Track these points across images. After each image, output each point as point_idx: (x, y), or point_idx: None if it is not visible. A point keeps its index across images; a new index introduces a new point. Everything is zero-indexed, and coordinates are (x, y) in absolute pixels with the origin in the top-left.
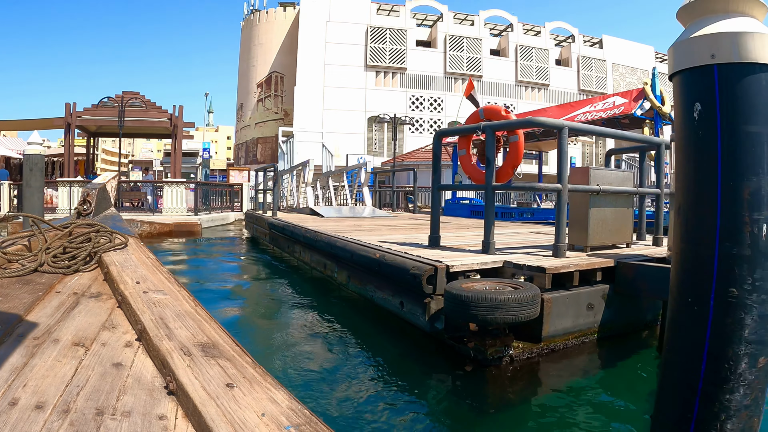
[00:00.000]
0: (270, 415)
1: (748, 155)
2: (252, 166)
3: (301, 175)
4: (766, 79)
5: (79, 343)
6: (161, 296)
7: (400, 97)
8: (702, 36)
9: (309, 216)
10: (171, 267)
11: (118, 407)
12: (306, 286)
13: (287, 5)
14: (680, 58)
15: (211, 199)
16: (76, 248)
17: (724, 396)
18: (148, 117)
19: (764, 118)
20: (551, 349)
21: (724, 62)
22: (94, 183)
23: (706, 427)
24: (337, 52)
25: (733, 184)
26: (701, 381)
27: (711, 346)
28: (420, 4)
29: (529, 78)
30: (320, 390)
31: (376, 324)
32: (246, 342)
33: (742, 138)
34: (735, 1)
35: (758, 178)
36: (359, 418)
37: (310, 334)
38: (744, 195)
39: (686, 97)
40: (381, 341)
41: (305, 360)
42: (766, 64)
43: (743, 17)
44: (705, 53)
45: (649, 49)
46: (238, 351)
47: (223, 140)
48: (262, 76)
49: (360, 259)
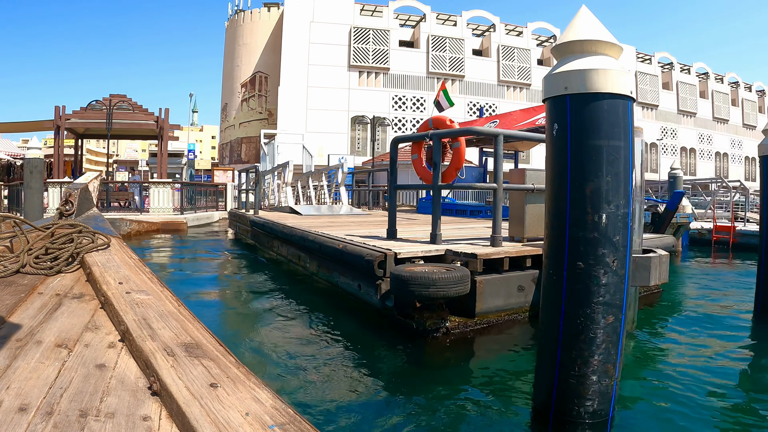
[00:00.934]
0: (254, 415)
1: (590, 163)
2: (236, 166)
3: (281, 175)
4: (605, 105)
5: (62, 345)
6: (144, 297)
7: (383, 97)
8: (559, 72)
9: (289, 214)
10: (159, 261)
11: (102, 408)
12: (282, 277)
13: (271, 5)
14: (546, 88)
15: (196, 199)
16: (59, 249)
17: (578, 345)
18: (135, 120)
19: (603, 134)
20: (485, 324)
21: (574, 93)
22: (76, 183)
23: (567, 370)
24: (321, 53)
25: (579, 185)
26: (560, 334)
27: (566, 307)
28: (403, 4)
29: (511, 78)
30: (293, 360)
31: (340, 306)
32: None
33: (585, 150)
34: (588, 44)
35: (598, 180)
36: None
37: (284, 317)
38: (587, 192)
39: (550, 118)
40: (345, 320)
41: (280, 337)
42: (605, 93)
43: (594, 56)
44: (561, 86)
45: (630, 49)
46: (222, 351)
47: (207, 140)
48: (246, 76)
49: (327, 250)
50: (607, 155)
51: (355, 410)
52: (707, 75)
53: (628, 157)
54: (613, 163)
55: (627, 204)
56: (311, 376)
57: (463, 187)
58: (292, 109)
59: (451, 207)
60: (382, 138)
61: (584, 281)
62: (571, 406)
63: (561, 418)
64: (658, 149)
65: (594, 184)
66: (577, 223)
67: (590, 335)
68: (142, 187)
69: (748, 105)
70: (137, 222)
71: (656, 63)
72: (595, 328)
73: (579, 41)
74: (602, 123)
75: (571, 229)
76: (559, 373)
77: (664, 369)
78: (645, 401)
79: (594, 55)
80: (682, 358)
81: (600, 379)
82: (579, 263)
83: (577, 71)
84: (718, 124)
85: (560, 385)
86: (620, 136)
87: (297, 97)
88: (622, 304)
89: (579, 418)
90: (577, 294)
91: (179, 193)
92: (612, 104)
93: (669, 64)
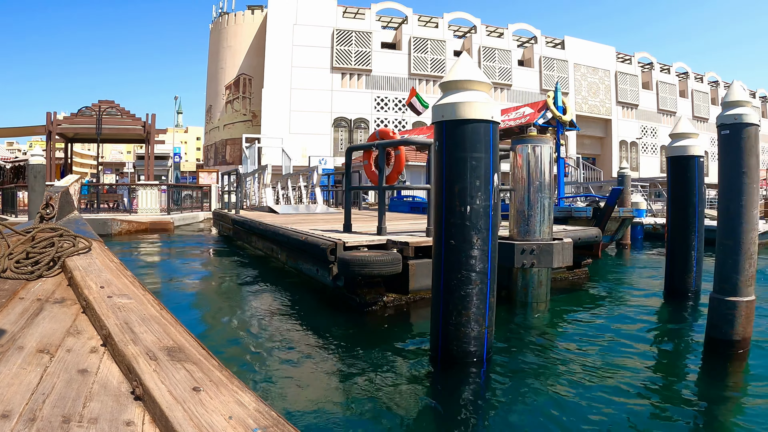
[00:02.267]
0: (237, 418)
1: (458, 169)
2: (221, 168)
3: (261, 177)
4: (470, 127)
5: (44, 350)
6: (126, 300)
7: (366, 98)
8: (440, 104)
9: (267, 213)
10: (147, 257)
11: (85, 414)
12: (258, 267)
13: (255, 8)
14: (432, 116)
15: (182, 200)
16: (39, 253)
17: (454, 302)
18: (124, 125)
19: (468, 148)
20: (417, 299)
21: (448, 119)
22: (57, 186)
23: (448, 321)
24: (304, 55)
25: (451, 185)
26: (442, 293)
27: (445, 274)
28: (385, 6)
29: (492, 78)
30: (264, 332)
31: (303, 287)
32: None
33: (455, 160)
34: (462, 83)
35: (464, 182)
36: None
37: (257, 298)
38: (456, 191)
39: (434, 137)
40: (307, 298)
41: (253, 313)
42: (470, 119)
43: (466, 92)
44: (440, 114)
45: (610, 50)
46: (204, 354)
47: (192, 141)
48: (230, 78)
49: (293, 242)
50: (470, 164)
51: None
52: (687, 75)
53: (489, 165)
54: (476, 169)
55: (488, 199)
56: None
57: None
58: (275, 110)
59: (419, 205)
60: (364, 138)
61: (456, 254)
62: (453, 348)
63: (447, 358)
64: (638, 148)
65: (461, 184)
66: (451, 213)
67: (462, 294)
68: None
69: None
70: (127, 222)
71: (636, 63)
72: (465, 289)
73: (455, 81)
74: (467, 140)
75: (446, 217)
76: (442, 323)
77: (556, 334)
78: (525, 353)
79: (466, 91)
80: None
81: (473, 327)
82: (452, 241)
83: (451, 104)
84: (699, 123)
85: (444, 332)
86: (482, 149)
87: (280, 98)
88: (487, 272)
89: (460, 358)
90: (452, 264)
91: (166, 194)
92: (475, 127)
93: (649, 64)
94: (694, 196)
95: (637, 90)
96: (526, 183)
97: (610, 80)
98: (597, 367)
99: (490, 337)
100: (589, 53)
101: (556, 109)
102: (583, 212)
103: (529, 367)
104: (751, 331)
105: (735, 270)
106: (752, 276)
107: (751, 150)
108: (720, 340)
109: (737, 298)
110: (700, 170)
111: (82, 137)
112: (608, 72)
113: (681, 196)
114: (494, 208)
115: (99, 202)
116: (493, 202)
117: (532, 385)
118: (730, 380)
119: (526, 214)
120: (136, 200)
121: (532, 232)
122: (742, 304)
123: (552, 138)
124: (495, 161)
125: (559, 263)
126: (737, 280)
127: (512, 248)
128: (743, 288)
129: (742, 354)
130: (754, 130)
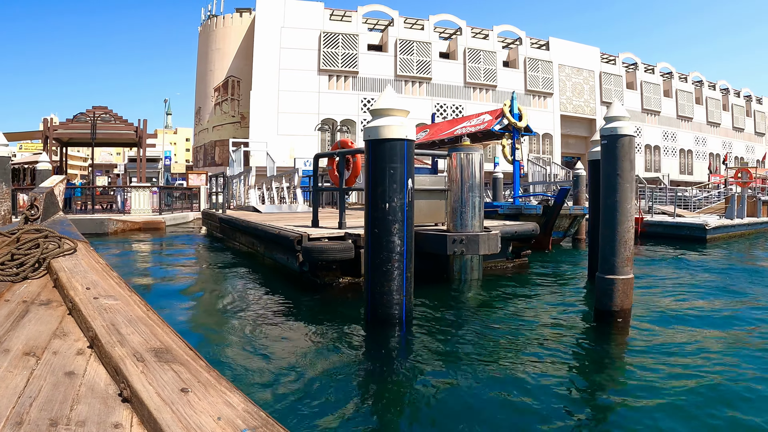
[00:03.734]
0: (226, 419)
1: (380, 176)
2: (210, 169)
3: (246, 179)
4: (388, 145)
5: (30, 353)
6: (112, 302)
7: (352, 99)
8: (367, 127)
9: (252, 212)
10: (141, 254)
11: (72, 417)
12: (242, 259)
13: (243, 11)
14: (363, 136)
15: (172, 201)
16: (24, 255)
17: (379, 275)
18: (117, 130)
19: (387, 160)
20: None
21: (374, 139)
22: (41, 187)
23: (374, 289)
24: (292, 57)
25: (374, 188)
26: (370, 269)
27: (372, 255)
28: (371, 9)
29: (478, 80)
30: (242, 307)
31: (277, 273)
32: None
33: (378, 169)
34: (385, 110)
35: (384, 185)
36: (263, 318)
37: (238, 284)
38: (378, 192)
39: (367, 153)
40: (279, 281)
41: (234, 294)
42: (388, 138)
43: (387, 117)
44: (368, 135)
45: (594, 51)
46: (192, 355)
47: (182, 142)
48: (219, 81)
49: (269, 236)
50: (389, 172)
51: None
52: (671, 74)
53: (404, 172)
54: (393, 176)
55: (403, 198)
56: (251, 313)
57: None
58: (263, 112)
59: None
60: (351, 140)
61: (379, 240)
62: (379, 312)
63: (374, 320)
64: None
65: (382, 187)
66: (375, 209)
67: (384, 270)
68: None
69: (712, 103)
70: (122, 222)
71: (620, 63)
72: (387, 266)
73: (379, 109)
74: (387, 154)
75: (372, 212)
76: (371, 293)
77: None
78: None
79: (387, 117)
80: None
81: (394, 296)
82: (376, 230)
83: (375, 127)
84: (683, 122)
85: (371, 300)
86: (398, 161)
87: (268, 100)
88: (404, 253)
89: (384, 320)
90: (377, 247)
91: (157, 195)
92: (392, 144)
93: (633, 64)
94: None
95: (622, 90)
96: (459, 184)
97: (594, 80)
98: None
99: (408, 304)
100: (573, 54)
101: (512, 116)
102: (533, 209)
103: (442, 329)
104: (629, 303)
105: (613, 254)
106: (629, 258)
107: (625, 156)
108: (604, 311)
109: (615, 276)
110: None
111: (77, 141)
112: (593, 72)
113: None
114: (409, 205)
115: (94, 203)
116: (408, 201)
117: (442, 342)
118: (612, 342)
119: (460, 210)
120: (129, 201)
121: (464, 225)
122: (620, 281)
123: (480, 147)
124: (410, 169)
125: (485, 251)
126: (615, 262)
127: (445, 239)
128: (621, 268)
129: (623, 322)
130: (627, 140)
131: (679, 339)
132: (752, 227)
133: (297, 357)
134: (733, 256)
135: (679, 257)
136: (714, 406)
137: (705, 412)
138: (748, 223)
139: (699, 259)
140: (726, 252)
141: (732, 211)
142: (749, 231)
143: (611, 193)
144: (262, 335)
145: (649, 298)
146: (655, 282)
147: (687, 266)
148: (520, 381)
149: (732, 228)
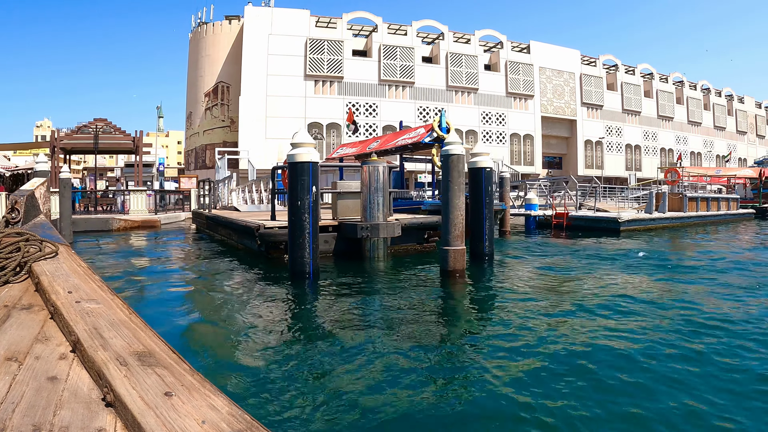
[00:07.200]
0: (210, 422)
1: (296, 184)
2: (202, 171)
3: (228, 183)
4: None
5: (12, 358)
6: (94, 305)
7: (338, 104)
8: (288, 154)
9: (233, 211)
10: (142, 245)
11: (56, 422)
12: (221, 246)
13: (232, 18)
14: (288, 159)
15: (166, 202)
16: (5, 258)
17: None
18: (116, 140)
19: (299, 174)
20: None
21: (291, 162)
22: (22, 190)
23: (293, 254)
24: (279, 63)
25: (294, 192)
26: (290, 240)
27: (290, 231)
28: (356, 16)
29: (459, 83)
30: (216, 273)
31: (245, 254)
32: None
33: (294, 181)
34: (299, 144)
35: (296, 190)
36: (227, 276)
37: (216, 261)
38: (295, 194)
39: (289, 170)
40: (246, 259)
41: (211, 267)
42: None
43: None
44: (290, 160)
45: (575, 53)
46: (175, 358)
47: (173, 145)
48: (209, 86)
49: (239, 227)
50: (300, 182)
51: (242, 287)
52: (652, 75)
53: (309, 182)
54: (304, 185)
55: (310, 198)
56: (221, 274)
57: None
58: (252, 116)
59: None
60: (337, 142)
61: (295, 222)
62: (296, 269)
63: (293, 275)
64: (603, 147)
65: (297, 191)
66: (293, 203)
67: (299, 241)
68: (122, 193)
69: (693, 102)
70: (124, 220)
71: (601, 65)
72: (299, 239)
73: (296, 143)
74: (298, 172)
75: (291, 207)
76: (291, 257)
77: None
78: (344, 277)
79: (300, 148)
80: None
81: (304, 256)
82: (293, 217)
83: (292, 154)
84: (663, 122)
85: (292, 261)
86: (306, 175)
87: (257, 105)
88: (311, 232)
89: (299, 274)
90: (293, 226)
91: (152, 198)
92: (303, 165)
93: (614, 65)
94: (482, 192)
95: (602, 91)
96: (368, 187)
97: (575, 82)
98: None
99: (315, 264)
100: (554, 57)
101: (440, 130)
102: (429, 205)
103: (339, 281)
104: (462, 265)
105: (447, 232)
106: (459, 235)
107: (454, 168)
108: (445, 270)
109: (450, 247)
110: (488, 177)
111: (80, 150)
112: (573, 74)
113: (475, 192)
114: (314, 202)
115: (96, 205)
116: (313, 200)
117: (335, 286)
118: (453, 291)
119: (369, 207)
120: (127, 203)
121: (372, 217)
122: (452, 251)
123: (386, 159)
124: (314, 180)
125: (385, 235)
126: (449, 238)
127: (356, 227)
128: (453, 241)
129: (459, 278)
130: (456, 157)
131: (503, 294)
132: (675, 221)
133: (252, 295)
134: (628, 242)
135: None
136: (511, 327)
137: (507, 324)
138: (669, 217)
139: (591, 246)
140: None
141: (650, 206)
142: (674, 224)
143: (446, 192)
144: (229, 288)
145: (508, 270)
146: (526, 261)
147: (559, 252)
148: (382, 303)
149: (651, 221)
